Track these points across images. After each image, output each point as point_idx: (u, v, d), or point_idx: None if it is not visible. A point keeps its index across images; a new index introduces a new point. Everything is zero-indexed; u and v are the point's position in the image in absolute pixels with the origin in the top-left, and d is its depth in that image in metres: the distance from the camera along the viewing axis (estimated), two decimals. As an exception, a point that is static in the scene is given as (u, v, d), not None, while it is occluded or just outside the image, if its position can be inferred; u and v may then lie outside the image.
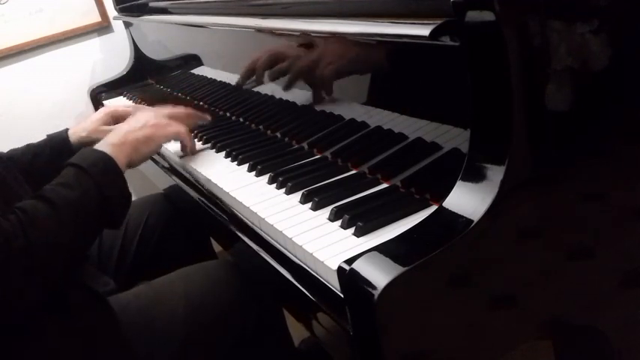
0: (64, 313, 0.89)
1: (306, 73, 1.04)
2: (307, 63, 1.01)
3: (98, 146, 0.98)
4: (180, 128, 1.12)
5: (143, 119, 1.08)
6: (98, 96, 2.00)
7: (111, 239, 1.25)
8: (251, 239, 0.90)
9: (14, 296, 0.78)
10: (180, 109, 1.21)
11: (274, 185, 0.96)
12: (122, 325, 0.92)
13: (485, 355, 0.70)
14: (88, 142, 1.30)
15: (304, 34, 0.98)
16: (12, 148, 1.29)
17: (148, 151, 1.05)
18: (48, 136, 1.31)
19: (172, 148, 1.29)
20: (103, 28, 2.08)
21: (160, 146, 1.10)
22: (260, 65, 1.16)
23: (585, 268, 0.73)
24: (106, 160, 0.94)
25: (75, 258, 0.90)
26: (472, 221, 0.62)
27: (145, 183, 1.69)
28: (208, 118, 1.28)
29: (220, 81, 1.44)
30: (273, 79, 1.14)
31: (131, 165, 1.01)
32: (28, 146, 1.28)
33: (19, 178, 1.05)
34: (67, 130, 1.30)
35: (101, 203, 0.89)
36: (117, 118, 1.34)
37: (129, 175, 0.97)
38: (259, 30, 1.11)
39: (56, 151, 1.26)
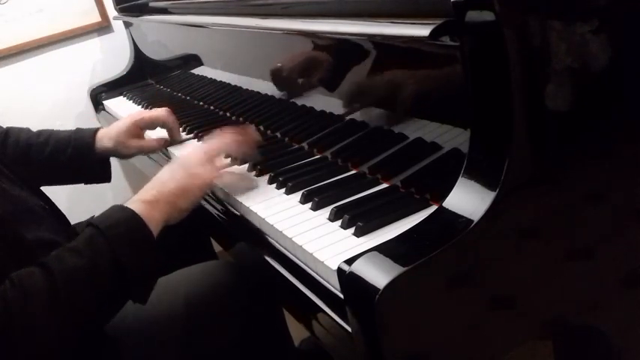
0: None
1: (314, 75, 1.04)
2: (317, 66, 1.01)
3: (130, 202, 0.85)
4: (213, 174, 0.96)
5: (181, 165, 0.94)
6: (98, 96, 2.00)
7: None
8: (251, 239, 0.90)
9: None
10: (223, 141, 1.00)
11: (274, 185, 0.97)
12: (122, 325, 0.92)
13: (485, 354, 0.69)
14: (115, 154, 1.26)
15: (304, 34, 0.98)
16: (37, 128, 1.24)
17: (187, 204, 0.91)
18: (76, 130, 1.26)
19: (176, 151, 1.29)
20: (103, 28, 2.08)
21: (202, 196, 0.96)
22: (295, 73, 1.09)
23: (585, 268, 0.73)
24: (131, 221, 0.81)
25: (83, 332, 0.77)
26: (472, 221, 0.62)
27: (144, 183, 1.69)
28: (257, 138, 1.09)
29: (220, 81, 1.44)
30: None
31: (171, 221, 0.88)
32: (51, 136, 1.24)
33: (11, 177, 1.02)
34: (96, 130, 1.26)
35: (115, 273, 0.77)
36: (144, 127, 1.30)
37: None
38: (259, 30, 1.11)
39: (77, 153, 1.23)
